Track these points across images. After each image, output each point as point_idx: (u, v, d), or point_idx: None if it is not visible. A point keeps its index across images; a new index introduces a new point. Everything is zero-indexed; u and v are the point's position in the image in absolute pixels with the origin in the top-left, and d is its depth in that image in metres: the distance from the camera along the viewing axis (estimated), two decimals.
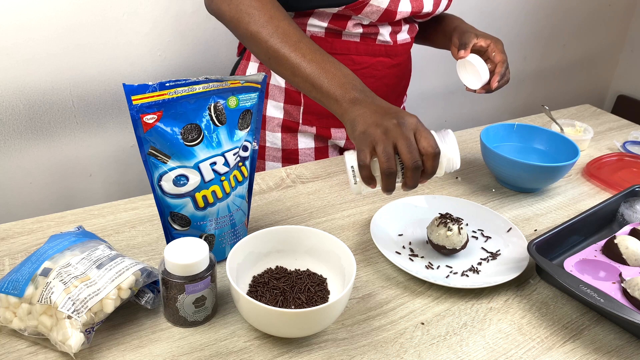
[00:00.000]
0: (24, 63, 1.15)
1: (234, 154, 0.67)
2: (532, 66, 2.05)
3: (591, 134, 1.09)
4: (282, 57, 0.76)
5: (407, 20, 0.96)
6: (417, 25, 1.01)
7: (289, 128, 1.00)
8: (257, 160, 1.03)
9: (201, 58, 1.35)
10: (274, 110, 0.99)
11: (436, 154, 0.64)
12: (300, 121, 0.99)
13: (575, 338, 0.63)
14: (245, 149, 0.69)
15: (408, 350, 0.60)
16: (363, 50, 0.95)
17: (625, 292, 0.66)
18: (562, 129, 1.09)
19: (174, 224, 0.66)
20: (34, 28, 1.13)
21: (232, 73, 1.07)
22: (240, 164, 0.68)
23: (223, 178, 0.66)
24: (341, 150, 1.07)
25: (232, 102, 0.65)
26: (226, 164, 0.66)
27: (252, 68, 1.00)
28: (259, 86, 0.68)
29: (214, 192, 0.65)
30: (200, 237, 0.67)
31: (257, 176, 0.92)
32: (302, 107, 0.98)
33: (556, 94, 2.19)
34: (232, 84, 0.64)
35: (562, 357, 0.61)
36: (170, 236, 0.67)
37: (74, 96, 1.23)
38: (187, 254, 0.58)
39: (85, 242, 0.62)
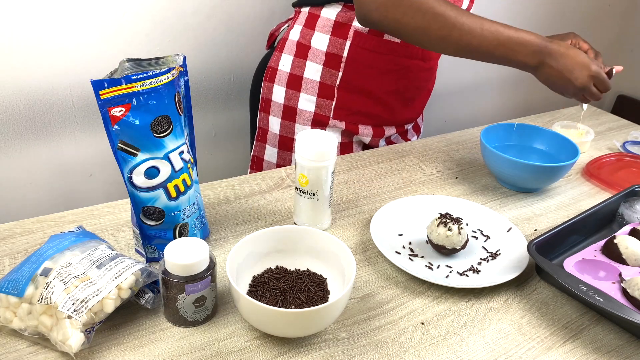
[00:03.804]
0: (24, 63, 1.15)
1: (189, 140, 0.69)
2: None
3: (592, 136, 1.09)
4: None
5: None
6: None
7: (319, 122, 1.02)
8: (285, 152, 1.05)
9: (201, 58, 1.35)
10: (307, 103, 1.01)
11: None
12: (331, 115, 1.01)
13: (575, 338, 0.63)
14: None
15: (408, 350, 0.60)
16: (402, 52, 0.98)
17: (625, 292, 0.66)
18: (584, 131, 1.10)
19: (148, 220, 0.66)
20: (34, 28, 1.13)
21: (262, 66, 1.08)
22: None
23: (189, 165, 0.67)
24: (365, 147, 1.08)
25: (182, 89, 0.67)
26: (189, 151, 0.68)
27: (286, 60, 1.02)
28: (182, 69, 0.68)
29: (184, 181, 0.66)
30: (175, 227, 0.68)
31: (257, 176, 0.92)
32: (334, 102, 1.00)
33: (556, 94, 2.19)
34: (178, 69, 0.65)
35: (562, 357, 0.61)
36: (146, 238, 0.68)
37: (74, 96, 1.23)
38: (187, 254, 0.58)
39: (85, 242, 0.62)
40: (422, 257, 0.74)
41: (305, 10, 1.02)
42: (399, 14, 0.82)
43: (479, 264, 0.74)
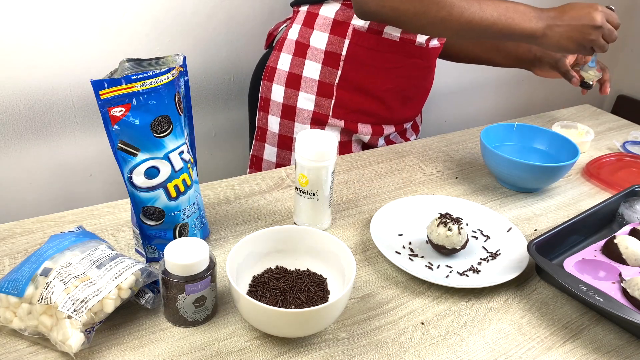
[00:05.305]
0: (24, 63, 1.15)
1: (189, 140, 0.69)
2: None
3: (592, 136, 1.09)
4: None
5: None
6: None
7: (318, 121, 1.02)
8: (284, 151, 1.05)
9: (201, 58, 1.35)
10: (306, 102, 1.01)
11: None
12: (330, 114, 1.01)
13: (575, 338, 0.63)
14: None
15: (408, 350, 0.60)
16: (400, 50, 0.98)
17: (625, 292, 0.66)
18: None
19: (148, 220, 0.66)
20: (34, 28, 1.13)
21: (261, 65, 1.08)
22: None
23: (189, 165, 0.67)
24: (364, 146, 1.08)
25: (183, 89, 0.67)
26: (189, 151, 0.68)
27: (285, 59, 1.02)
28: (182, 69, 0.67)
29: (184, 181, 0.66)
30: (175, 227, 0.68)
31: (257, 176, 0.92)
32: (333, 101, 1.00)
33: (556, 94, 2.19)
34: (178, 69, 0.65)
35: (562, 357, 0.61)
36: (146, 238, 0.68)
37: (74, 96, 1.23)
38: (187, 254, 0.58)
39: (85, 242, 0.62)
40: (422, 257, 0.74)
41: (303, 9, 1.02)
42: (396, 1, 0.82)
43: (479, 264, 0.74)
